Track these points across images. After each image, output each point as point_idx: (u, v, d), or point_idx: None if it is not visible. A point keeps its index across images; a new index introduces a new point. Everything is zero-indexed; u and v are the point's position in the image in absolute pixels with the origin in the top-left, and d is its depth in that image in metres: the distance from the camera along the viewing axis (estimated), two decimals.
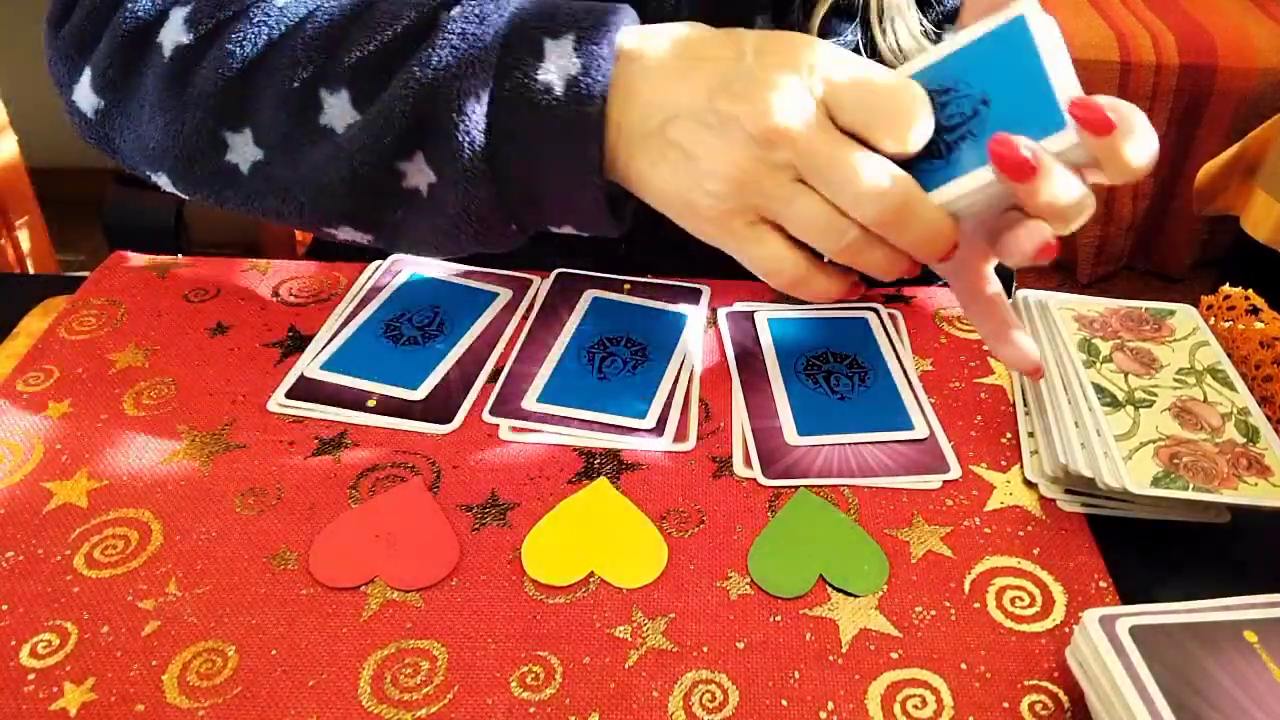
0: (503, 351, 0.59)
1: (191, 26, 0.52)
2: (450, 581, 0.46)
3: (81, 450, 0.52)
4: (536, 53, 0.47)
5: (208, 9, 0.52)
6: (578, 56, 0.46)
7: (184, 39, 0.52)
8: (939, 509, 0.50)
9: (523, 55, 0.47)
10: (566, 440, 0.53)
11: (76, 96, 0.57)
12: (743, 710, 0.41)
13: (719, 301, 0.63)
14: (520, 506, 0.49)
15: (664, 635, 0.43)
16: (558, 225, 0.52)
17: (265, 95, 0.51)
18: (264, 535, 0.48)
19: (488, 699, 0.41)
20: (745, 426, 0.54)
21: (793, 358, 0.59)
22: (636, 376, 0.57)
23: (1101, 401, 0.51)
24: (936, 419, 0.55)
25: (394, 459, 0.52)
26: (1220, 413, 0.51)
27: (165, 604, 0.44)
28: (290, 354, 0.58)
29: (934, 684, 0.42)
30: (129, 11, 0.53)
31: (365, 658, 0.42)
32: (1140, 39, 1.86)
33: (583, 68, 0.46)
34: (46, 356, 0.58)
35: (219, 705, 0.40)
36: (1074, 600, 0.45)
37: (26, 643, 0.43)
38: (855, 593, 0.45)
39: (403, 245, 0.54)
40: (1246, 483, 0.47)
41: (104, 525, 0.48)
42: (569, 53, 0.46)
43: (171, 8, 0.53)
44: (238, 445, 0.52)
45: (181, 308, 0.62)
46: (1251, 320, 0.58)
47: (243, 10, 0.52)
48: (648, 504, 0.49)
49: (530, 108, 0.47)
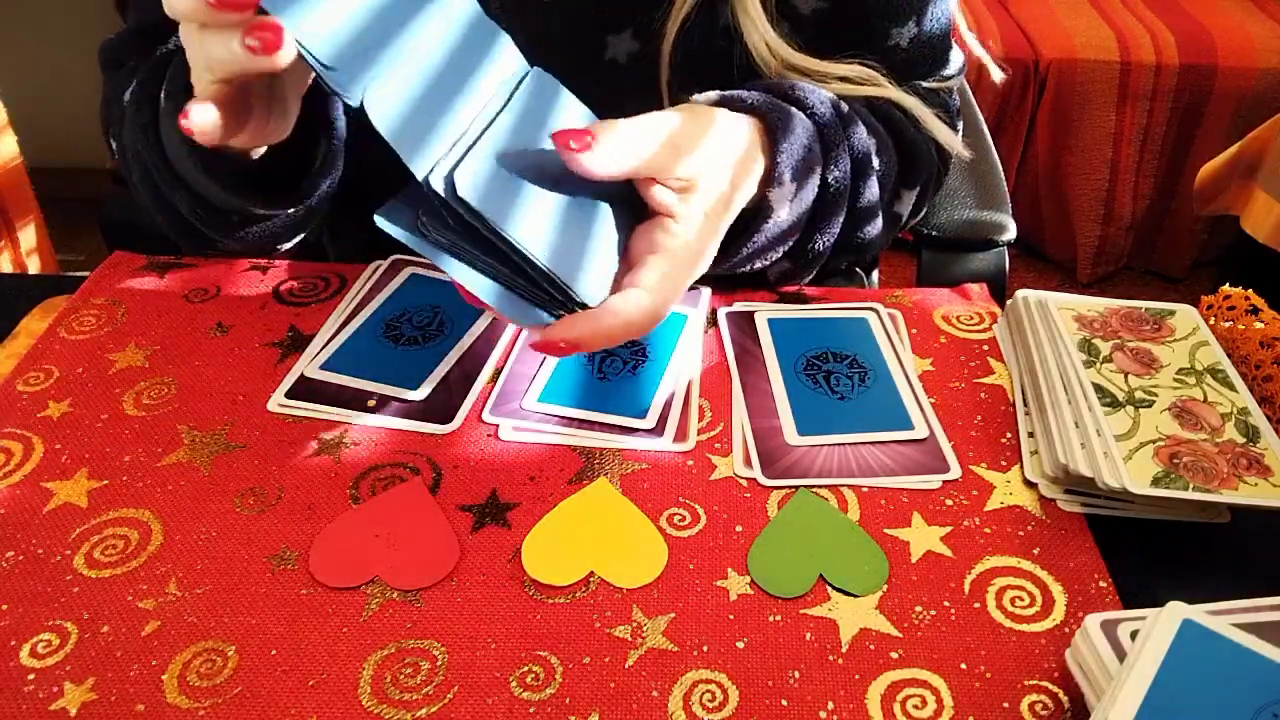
0: (503, 351, 0.59)
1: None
2: (450, 581, 0.46)
3: (81, 450, 0.52)
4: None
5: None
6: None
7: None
8: (939, 509, 0.50)
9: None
10: (566, 440, 0.53)
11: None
12: (743, 710, 0.41)
13: (719, 301, 0.63)
14: (520, 506, 0.49)
15: (664, 635, 0.43)
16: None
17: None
18: (264, 535, 0.48)
19: (488, 699, 0.41)
20: (745, 426, 0.54)
21: (793, 358, 0.59)
22: (636, 376, 0.57)
23: (1101, 401, 0.51)
24: (936, 419, 0.55)
25: (394, 459, 0.52)
26: (1220, 413, 0.51)
27: (165, 604, 0.44)
28: (290, 354, 0.58)
29: (934, 684, 0.42)
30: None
31: (365, 658, 0.42)
32: (1140, 39, 1.86)
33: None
34: (46, 356, 0.58)
35: (219, 705, 0.40)
36: (1074, 600, 0.45)
37: (26, 643, 0.43)
38: (855, 593, 0.45)
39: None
40: (1246, 483, 0.47)
41: (104, 525, 0.48)
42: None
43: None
44: (238, 445, 0.52)
45: (181, 308, 0.62)
46: (1251, 320, 0.58)
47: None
48: (648, 504, 0.49)
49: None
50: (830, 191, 0.59)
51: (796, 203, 0.57)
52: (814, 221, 0.60)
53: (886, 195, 0.65)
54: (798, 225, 0.59)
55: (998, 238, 0.80)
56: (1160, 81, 1.85)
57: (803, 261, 0.62)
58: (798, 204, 0.57)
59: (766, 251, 0.59)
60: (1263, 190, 1.45)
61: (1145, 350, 0.55)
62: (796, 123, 0.56)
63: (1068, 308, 0.58)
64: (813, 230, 0.60)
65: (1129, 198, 1.96)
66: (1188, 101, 1.86)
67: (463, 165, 0.44)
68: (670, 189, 0.50)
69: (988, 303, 0.64)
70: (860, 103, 0.64)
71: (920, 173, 0.67)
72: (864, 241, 0.64)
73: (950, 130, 0.68)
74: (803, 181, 0.57)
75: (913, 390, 0.56)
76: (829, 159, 0.58)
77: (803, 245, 0.61)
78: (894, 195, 0.66)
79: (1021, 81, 1.90)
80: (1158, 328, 0.57)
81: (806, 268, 0.63)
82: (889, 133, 0.64)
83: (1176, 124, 1.89)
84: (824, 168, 0.58)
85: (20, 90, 1.63)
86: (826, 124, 0.58)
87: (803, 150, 0.56)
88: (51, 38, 2.07)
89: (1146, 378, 0.53)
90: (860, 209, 0.62)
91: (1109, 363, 0.54)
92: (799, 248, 0.61)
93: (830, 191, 0.59)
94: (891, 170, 0.64)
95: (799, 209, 0.58)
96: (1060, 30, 1.92)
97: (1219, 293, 0.60)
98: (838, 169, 0.59)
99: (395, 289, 0.63)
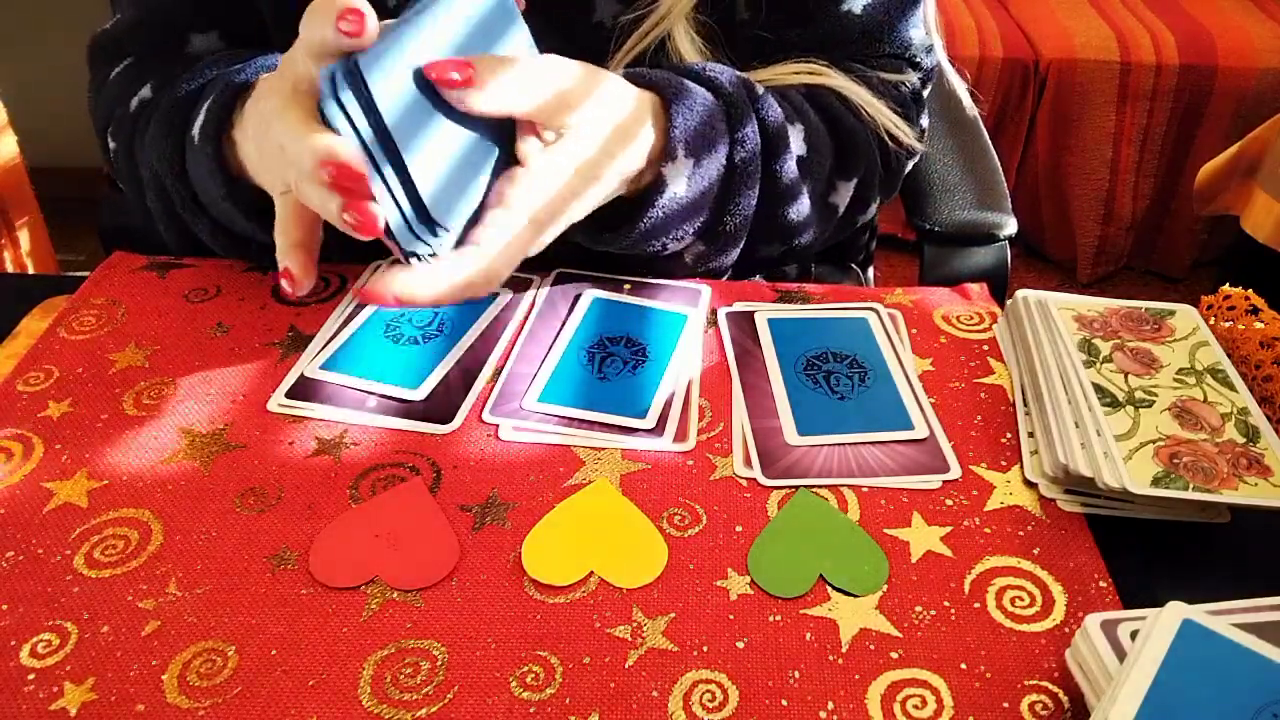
0: (503, 351, 0.59)
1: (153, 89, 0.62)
2: (450, 581, 0.46)
3: (81, 450, 0.52)
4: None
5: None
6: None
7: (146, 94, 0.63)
8: (939, 509, 0.50)
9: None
10: (566, 440, 0.53)
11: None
12: (743, 710, 0.41)
13: (719, 301, 0.63)
14: (520, 506, 0.49)
15: (664, 635, 0.43)
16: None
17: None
18: (264, 535, 0.48)
19: (488, 699, 0.41)
20: (745, 426, 0.54)
21: (793, 358, 0.59)
22: (636, 376, 0.57)
23: (1101, 401, 0.51)
24: (936, 419, 0.55)
25: (394, 459, 0.52)
26: (1220, 413, 0.51)
27: (165, 604, 0.44)
28: (290, 354, 0.58)
29: (934, 684, 0.42)
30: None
31: (365, 658, 0.42)
32: (1140, 39, 1.86)
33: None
34: (46, 356, 0.58)
35: (219, 705, 0.40)
36: (1074, 600, 0.45)
37: (26, 643, 0.43)
38: (855, 593, 0.45)
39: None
40: (1246, 483, 0.47)
41: (104, 525, 0.48)
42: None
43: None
44: (238, 445, 0.52)
45: (181, 308, 0.62)
46: (1251, 320, 0.58)
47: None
48: (648, 504, 0.49)
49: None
50: (738, 168, 0.58)
51: (696, 178, 0.56)
52: (723, 199, 0.59)
53: (820, 184, 0.64)
54: (703, 203, 0.58)
55: (998, 233, 0.81)
56: (1160, 81, 1.85)
57: (717, 244, 0.61)
58: (698, 179, 0.56)
59: (670, 229, 0.58)
60: (1263, 190, 1.46)
61: (1145, 350, 0.55)
62: (695, 97, 0.56)
63: (1068, 308, 0.58)
64: (722, 208, 0.59)
65: (1129, 198, 1.96)
66: (1188, 101, 1.86)
67: (381, 58, 0.44)
68: (542, 140, 0.49)
69: (988, 303, 0.64)
70: (799, 90, 0.64)
71: (858, 162, 0.66)
72: (790, 225, 0.63)
73: (902, 119, 0.67)
74: (702, 156, 0.56)
75: (913, 390, 0.56)
76: (735, 134, 0.57)
77: (714, 224, 0.60)
78: (828, 185, 0.65)
79: (1021, 81, 1.90)
80: (1158, 328, 0.57)
81: (722, 251, 0.62)
82: (824, 120, 0.64)
83: (1176, 124, 1.90)
84: (731, 144, 0.57)
85: (20, 90, 1.63)
86: (731, 98, 0.58)
87: (700, 124, 0.55)
88: (51, 38, 2.07)
89: (1146, 378, 0.53)
90: (778, 188, 0.61)
91: (1109, 363, 0.54)
92: (709, 227, 0.60)
93: (738, 168, 0.58)
94: (825, 158, 0.63)
95: (700, 184, 0.57)
96: (1060, 30, 1.92)
97: (1219, 293, 0.60)
98: (745, 146, 0.58)
99: None
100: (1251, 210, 1.48)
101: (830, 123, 0.64)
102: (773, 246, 0.64)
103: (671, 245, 0.59)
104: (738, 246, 0.62)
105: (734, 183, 0.58)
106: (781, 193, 0.61)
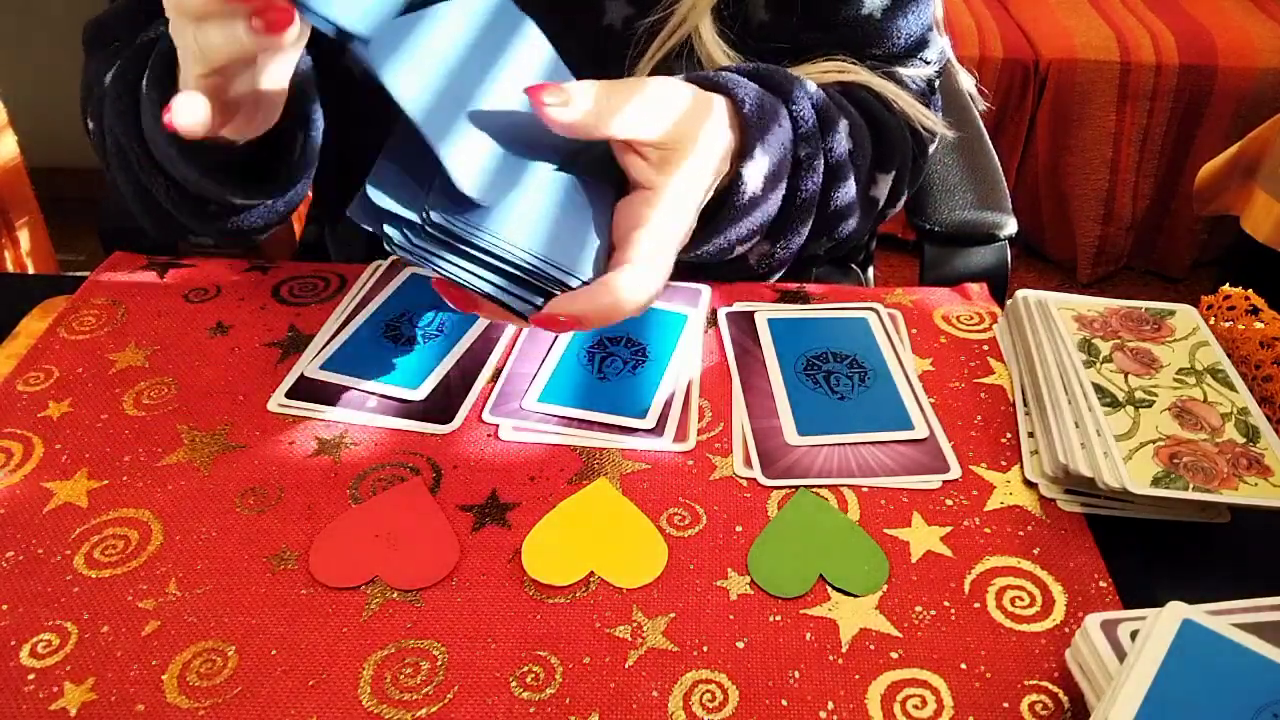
0: (503, 352, 0.59)
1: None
2: (450, 581, 0.46)
3: (81, 450, 0.52)
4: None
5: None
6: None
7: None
8: (939, 509, 0.50)
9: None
10: (566, 440, 0.53)
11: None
12: (743, 710, 0.41)
13: (719, 301, 0.63)
14: (520, 506, 0.49)
15: (664, 635, 0.43)
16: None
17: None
18: (264, 535, 0.48)
19: (488, 699, 0.41)
20: (745, 426, 0.54)
21: (793, 358, 0.59)
22: (636, 376, 0.57)
23: (1101, 401, 0.51)
24: (936, 419, 0.55)
25: (394, 459, 0.52)
26: (1220, 413, 0.51)
27: (165, 604, 0.44)
28: (290, 354, 0.58)
29: (934, 684, 0.42)
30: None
31: (365, 658, 0.42)
32: (1140, 39, 1.86)
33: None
34: (46, 356, 0.58)
35: (219, 705, 0.40)
36: (1074, 600, 0.45)
37: (26, 643, 0.43)
38: (855, 593, 0.45)
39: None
40: (1246, 483, 0.47)
41: (104, 525, 0.48)
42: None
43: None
44: (238, 445, 0.52)
45: (181, 308, 0.62)
46: (1251, 320, 0.58)
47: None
48: (648, 504, 0.49)
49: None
50: (802, 163, 0.59)
51: (770, 173, 0.57)
52: (790, 189, 0.60)
53: (863, 177, 0.64)
54: (773, 196, 0.58)
55: (999, 233, 0.81)
56: (1160, 81, 1.85)
57: (783, 236, 0.62)
58: (770, 173, 0.57)
59: (744, 227, 0.58)
60: (1262, 190, 1.45)
61: (1145, 350, 0.55)
62: (750, 91, 0.56)
63: (1068, 308, 0.58)
64: (789, 202, 0.60)
65: (1129, 198, 1.96)
66: (1188, 101, 1.86)
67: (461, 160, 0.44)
68: (649, 161, 0.50)
69: (988, 302, 0.64)
70: (834, 88, 0.64)
71: (894, 155, 0.66)
72: (839, 213, 0.63)
73: (928, 110, 0.68)
74: (771, 149, 0.56)
75: (913, 390, 0.56)
76: (797, 122, 0.58)
77: (781, 219, 0.60)
78: (869, 178, 0.66)
79: (1021, 81, 1.90)
80: (1158, 328, 0.57)
81: (787, 242, 0.62)
82: (862, 116, 0.64)
83: (1176, 124, 1.89)
84: (795, 139, 0.58)
85: (20, 90, 1.63)
86: (781, 88, 0.58)
87: (765, 118, 0.56)
88: (51, 38, 2.07)
89: (1146, 378, 0.53)
90: (831, 170, 0.61)
91: (1109, 363, 0.54)
92: (777, 221, 0.60)
93: (802, 163, 0.59)
94: (866, 151, 0.64)
95: (772, 179, 0.57)
96: (1060, 30, 1.92)
97: (1219, 293, 0.60)
98: (804, 128, 0.59)
99: (395, 289, 0.63)
100: (1251, 210, 1.48)
101: (867, 117, 0.65)
102: (820, 242, 0.65)
103: (741, 248, 0.60)
104: (800, 237, 0.63)
105: (798, 174, 0.59)
106: (832, 173, 0.62)
